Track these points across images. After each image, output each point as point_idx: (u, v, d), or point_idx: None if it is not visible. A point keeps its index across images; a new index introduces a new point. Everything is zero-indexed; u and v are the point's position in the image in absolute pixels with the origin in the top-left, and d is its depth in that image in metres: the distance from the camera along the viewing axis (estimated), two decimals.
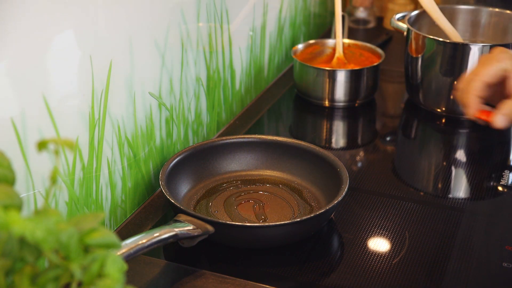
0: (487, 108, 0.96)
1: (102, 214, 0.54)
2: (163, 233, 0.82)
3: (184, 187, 1.02)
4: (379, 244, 0.94)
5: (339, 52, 1.39)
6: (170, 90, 1.05)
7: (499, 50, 0.95)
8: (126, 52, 0.92)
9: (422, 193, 1.08)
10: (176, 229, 0.84)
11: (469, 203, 1.05)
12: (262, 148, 1.08)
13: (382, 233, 0.96)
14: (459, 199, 1.07)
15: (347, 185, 0.94)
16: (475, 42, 1.39)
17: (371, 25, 1.81)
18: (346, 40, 1.43)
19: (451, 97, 1.28)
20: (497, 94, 0.96)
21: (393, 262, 0.89)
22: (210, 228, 0.86)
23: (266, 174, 1.08)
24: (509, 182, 1.10)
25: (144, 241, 0.80)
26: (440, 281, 0.86)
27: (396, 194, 1.06)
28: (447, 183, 1.12)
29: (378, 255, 0.91)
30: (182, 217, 0.87)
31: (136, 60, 0.94)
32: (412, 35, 1.30)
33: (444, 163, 1.19)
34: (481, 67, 0.93)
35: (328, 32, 1.77)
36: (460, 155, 1.22)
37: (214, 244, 0.91)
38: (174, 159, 1.01)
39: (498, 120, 0.92)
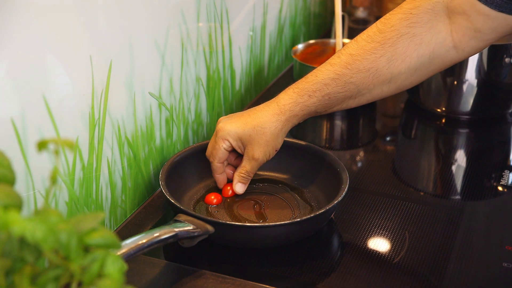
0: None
1: (102, 214, 0.54)
2: (163, 233, 0.82)
3: (184, 187, 1.02)
4: (379, 244, 0.94)
5: None
6: (170, 90, 1.05)
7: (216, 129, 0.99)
8: (126, 52, 0.92)
9: (422, 193, 1.08)
10: (176, 229, 0.84)
11: (469, 203, 1.05)
12: None
13: (382, 233, 0.96)
14: (459, 199, 1.07)
15: (347, 185, 0.94)
16: None
17: (371, 25, 1.80)
18: (346, 40, 1.43)
19: (451, 97, 1.28)
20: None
21: (393, 262, 0.89)
22: (210, 228, 0.86)
23: (266, 174, 1.07)
24: (509, 182, 1.10)
25: (144, 241, 0.79)
26: (440, 281, 0.86)
27: (396, 194, 1.06)
28: (447, 183, 1.12)
29: (378, 255, 0.91)
30: (182, 217, 0.87)
31: (136, 60, 0.94)
32: None
33: (444, 163, 1.19)
34: (210, 151, 1.00)
35: (328, 32, 1.77)
36: (460, 155, 1.22)
37: (214, 244, 0.91)
38: (174, 159, 1.01)
39: (238, 188, 1.01)
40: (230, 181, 1.05)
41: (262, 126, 0.95)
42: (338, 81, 0.93)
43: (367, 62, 0.93)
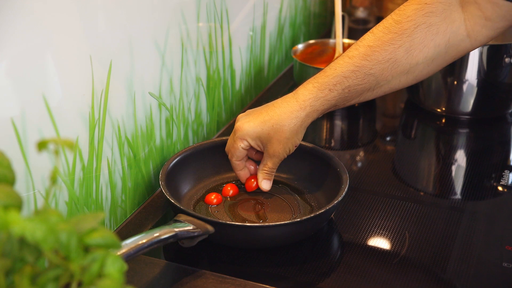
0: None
1: (102, 214, 0.54)
2: (163, 233, 0.82)
3: (184, 187, 1.02)
4: (379, 244, 0.94)
5: (339, 52, 1.39)
6: (170, 90, 1.05)
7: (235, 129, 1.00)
8: (126, 52, 0.92)
9: (422, 193, 1.08)
10: (176, 229, 0.84)
11: (469, 203, 1.05)
12: None
13: (382, 233, 0.96)
14: (459, 199, 1.07)
15: (347, 185, 0.94)
16: None
17: (371, 25, 1.81)
18: (346, 40, 1.43)
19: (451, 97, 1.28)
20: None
21: (393, 262, 0.89)
22: (210, 228, 0.86)
23: None
24: (509, 182, 1.10)
25: (144, 241, 0.79)
26: (440, 281, 0.86)
27: (396, 194, 1.06)
28: (447, 183, 1.12)
29: (378, 255, 0.91)
30: (182, 217, 0.87)
31: (136, 60, 0.94)
32: None
33: (444, 163, 1.19)
34: (228, 148, 1.01)
35: (328, 32, 1.77)
36: (460, 155, 1.22)
37: (214, 244, 0.91)
38: (174, 159, 1.01)
39: (264, 185, 1.01)
40: (229, 181, 1.05)
41: (281, 124, 0.95)
42: (358, 73, 0.93)
43: (386, 53, 0.93)
